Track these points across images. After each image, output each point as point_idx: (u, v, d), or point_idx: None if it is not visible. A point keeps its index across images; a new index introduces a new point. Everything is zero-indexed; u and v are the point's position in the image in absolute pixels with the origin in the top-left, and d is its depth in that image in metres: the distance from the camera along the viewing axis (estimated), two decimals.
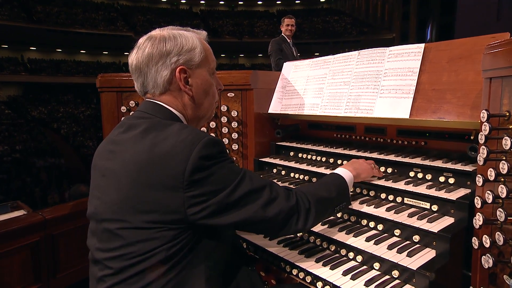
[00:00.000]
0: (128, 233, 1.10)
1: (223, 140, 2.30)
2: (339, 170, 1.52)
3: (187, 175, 1.05)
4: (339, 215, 1.65)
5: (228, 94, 2.25)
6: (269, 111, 2.34)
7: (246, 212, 1.13)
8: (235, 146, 2.29)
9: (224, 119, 2.27)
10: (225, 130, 2.28)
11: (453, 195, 1.39)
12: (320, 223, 1.58)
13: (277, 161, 2.18)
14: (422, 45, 1.68)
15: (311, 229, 1.54)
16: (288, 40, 5.69)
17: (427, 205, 1.47)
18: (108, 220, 1.15)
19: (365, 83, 1.85)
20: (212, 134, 2.28)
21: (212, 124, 2.30)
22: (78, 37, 29.87)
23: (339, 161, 1.96)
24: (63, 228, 2.43)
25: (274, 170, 2.19)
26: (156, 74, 1.23)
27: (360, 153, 1.86)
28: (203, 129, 2.31)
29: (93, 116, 25.69)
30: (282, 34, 5.72)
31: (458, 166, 1.50)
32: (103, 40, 30.67)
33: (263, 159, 2.25)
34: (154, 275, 1.09)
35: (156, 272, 1.09)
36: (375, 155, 1.80)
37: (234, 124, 2.26)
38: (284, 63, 2.50)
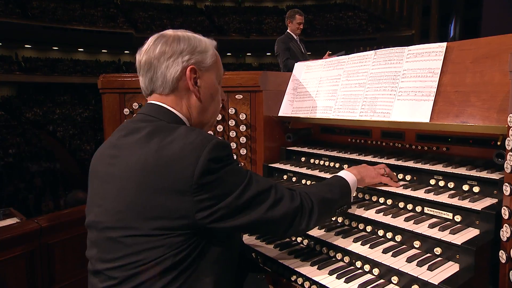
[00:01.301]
0: (133, 241, 1.12)
1: (231, 144, 2.32)
2: (342, 173, 1.58)
3: (196, 178, 1.09)
4: (353, 224, 1.66)
5: (236, 96, 2.28)
6: (279, 114, 2.35)
7: (254, 214, 1.18)
8: (243, 151, 2.32)
9: (232, 122, 2.30)
10: (233, 133, 2.31)
11: (478, 205, 1.39)
12: (334, 233, 1.60)
13: (287, 167, 2.19)
14: (444, 44, 1.69)
15: (324, 239, 1.57)
16: (295, 37, 5.63)
17: (449, 215, 1.46)
18: (111, 228, 1.17)
19: (382, 85, 1.86)
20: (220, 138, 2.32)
21: (219, 128, 2.33)
22: (75, 35, 30.38)
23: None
24: (60, 237, 2.45)
25: (285, 177, 2.20)
26: (166, 70, 1.28)
27: (376, 159, 1.86)
28: (210, 132, 2.34)
29: (91, 118, 25.99)
30: (289, 31, 5.58)
31: (484, 174, 1.50)
32: (102, 38, 31.13)
33: (273, 165, 2.26)
34: (160, 284, 1.11)
35: (163, 280, 1.11)
36: (392, 161, 1.80)
37: (243, 128, 2.29)
38: (296, 64, 2.52)
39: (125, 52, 34.31)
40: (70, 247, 2.50)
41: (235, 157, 2.34)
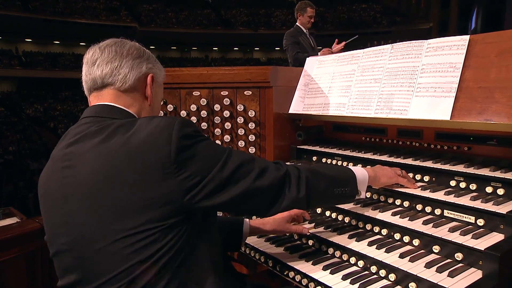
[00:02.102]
0: (118, 246, 1.11)
1: (239, 142, 2.32)
2: (353, 167, 1.59)
3: (173, 156, 1.12)
4: (368, 226, 1.65)
5: (245, 92, 2.28)
6: (290, 111, 2.35)
7: (242, 185, 1.21)
8: (252, 150, 2.31)
9: (240, 120, 2.30)
10: (241, 131, 2.31)
11: (503, 208, 1.37)
12: (347, 236, 1.60)
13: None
14: (467, 37, 1.67)
15: (336, 242, 1.57)
16: (305, 31, 5.58)
17: (471, 219, 1.45)
18: (95, 241, 1.14)
19: (399, 81, 1.85)
20: (227, 136, 2.32)
21: (227, 125, 2.32)
22: (77, 28, 30.73)
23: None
24: None
25: None
26: (131, 67, 1.35)
27: (392, 159, 1.86)
28: (218, 130, 2.35)
29: None
30: (298, 24, 5.51)
31: (509, 175, 1.48)
32: (105, 31, 31.01)
33: None
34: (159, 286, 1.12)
35: (160, 282, 1.12)
36: (409, 161, 1.79)
37: (251, 125, 2.29)
38: (307, 59, 2.52)
39: None
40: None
41: None
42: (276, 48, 34.68)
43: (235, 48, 37.30)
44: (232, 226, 1.70)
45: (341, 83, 2.16)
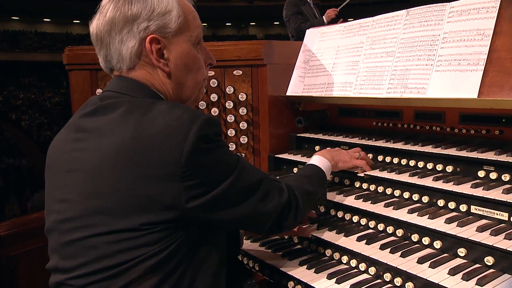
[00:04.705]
0: (104, 241, 1.13)
1: (229, 131, 2.31)
2: (316, 159, 1.69)
3: (184, 159, 1.11)
4: (380, 227, 1.65)
5: (235, 72, 2.26)
6: (288, 93, 2.35)
7: (247, 206, 1.26)
8: (243, 139, 2.31)
9: (229, 104, 2.28)
10: (230, 118, 2.29)
11: None
12: (356, 238, 1.60)
13: (298, 157, 2.18)
14: None
15: (342, 245, 1.57)
16: (308, 0, 5.55)
17: (504, 215, 1.43)
18: (77, 227, 1.17)
19: (415, 53, 1.83)
20: None
21: (214, 111, 2.31)
22: (40, 1, 30.35)
23: (379, 157, 1.96)
24: (24, 248, 2.45)
25: (295, 170, 2.18)
26: (120, 45, 1.27)
27: (407, 147, 1.86)
28: None
29: (63, 103, 26.16)
30: None
31: None
32: (74, 5, 31.09)
33: (281, 156, 2.25)
34: None
35: (144, 285, 1.13)
36: (428, 148, 1.79)
37: (243, 111, 2.28)
38: (307, 30, 2.50)
39: None
40: (37, 260, 2.50)
41: (234, 146, 2.34)
42: (275, 23, 34.57)
43: (227, 24, 37.14)
44: None
45: (347, 58, 2.15)
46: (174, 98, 1.36)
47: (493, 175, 1.58)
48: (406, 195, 1.70)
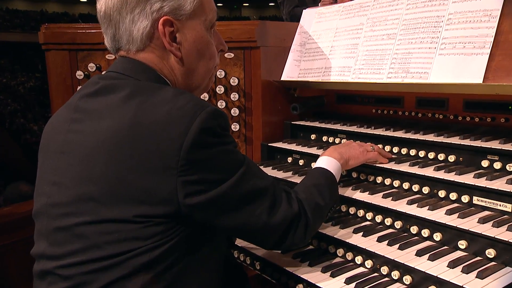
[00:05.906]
0: (95, 230, 1.13)
1: None
2: (324, 161, 1.62)
3: (184, 151, 1.10)
4: (378, 219, 1.65)
5: (226, 55, 2.25)
6: (283, 78, 2.34)
7: (249, 214, 1.23)
8: (235, 127, 2.30)
9: (220, 89, 2.27)
10: (221, 104, 2.28)
11: None
12: (352, 230, 1.61)
13: (293, 146, 2.18)
14: None
15: (340, 238, 1.57)
16: None
17: (507, 206, 1.44)
18: (68, 213, 1.17)
19: (418, 35, 1.83)
20: None
21: (204, 96, 2.29)
22: None
23: (379, 147, 1.93)
24: None
25: (289, 159, 2.19)
26: (131, 25, 1.26)
27: (408, 135, 1.86)
28: None
29: (39, 88, 25.69)
30: None
31: None
32: None
33: (274, 144, 2.25)
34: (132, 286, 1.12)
35: (135, 283, 1.12)
36: (430, 137, 1.79)
37: (234, 96, 2.27)
38: (304, 11, 2.49)
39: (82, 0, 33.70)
40: (11, 256, 2.49)
41: None
42: (270, 4, 34.34)
43: (218, 4, 36.79)
44: None
45: (346, 41, 2.14)
46: (183, 85, 1.36)
47: (498, 165, 1.58)
48: (405, 185, 1.71)
